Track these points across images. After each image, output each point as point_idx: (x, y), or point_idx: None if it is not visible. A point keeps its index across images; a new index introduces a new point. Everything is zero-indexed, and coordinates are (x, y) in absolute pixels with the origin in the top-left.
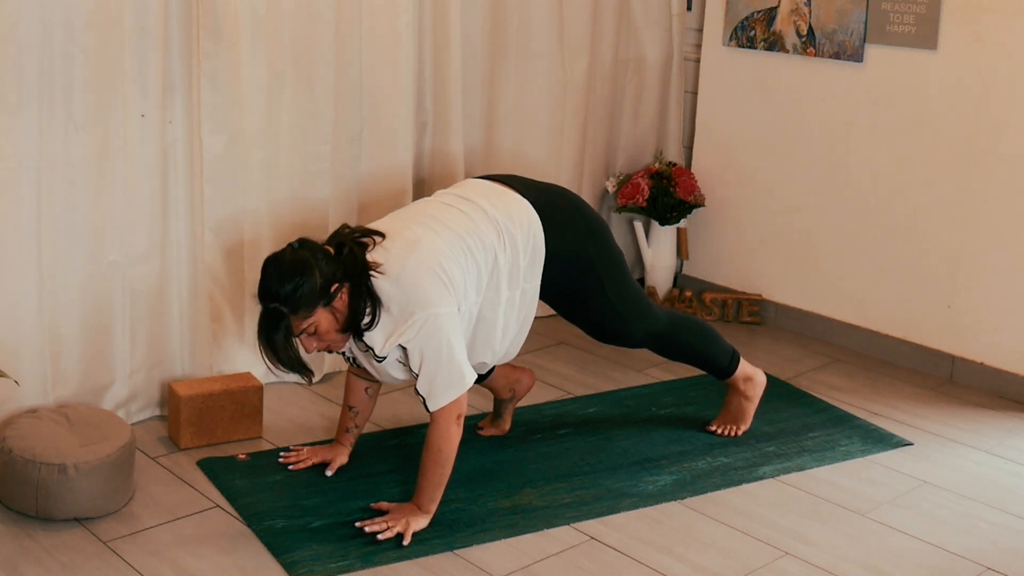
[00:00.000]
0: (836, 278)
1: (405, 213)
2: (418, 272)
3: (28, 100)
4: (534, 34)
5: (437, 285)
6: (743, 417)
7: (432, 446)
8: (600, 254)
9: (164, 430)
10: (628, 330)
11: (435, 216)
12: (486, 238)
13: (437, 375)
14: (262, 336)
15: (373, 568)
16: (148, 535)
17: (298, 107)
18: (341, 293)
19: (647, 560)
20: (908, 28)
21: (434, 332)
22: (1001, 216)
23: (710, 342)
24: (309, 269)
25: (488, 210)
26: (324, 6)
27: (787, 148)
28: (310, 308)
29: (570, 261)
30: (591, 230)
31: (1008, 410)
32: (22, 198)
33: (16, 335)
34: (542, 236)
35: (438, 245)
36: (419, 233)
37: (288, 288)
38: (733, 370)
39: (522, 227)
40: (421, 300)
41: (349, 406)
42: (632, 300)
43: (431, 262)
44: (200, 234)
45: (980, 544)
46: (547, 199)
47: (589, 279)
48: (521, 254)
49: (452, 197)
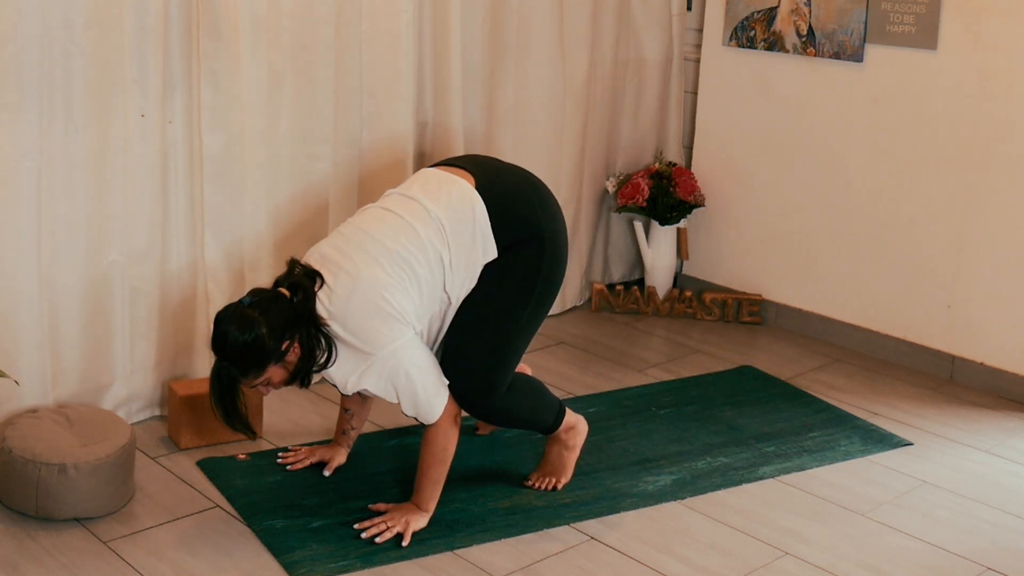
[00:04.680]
0: (836, 278)
1: (344, 233)
2: (364, 314)
3: (28, 100)
4: (534, 34)
5: (386, 321)
6: (563, 469)
7: (432, 444)
8: (538, 271)
9: (164, 430)
10: (474, 372)
11: (370, 234)
12: (427, 244)
13: (417, 400)
14: (213, 392)
15: (373, 568)
16: (148, 535)
17: (298, 107)
18: (293, 347)
19: (647, 560)
20: (908, 28)
21: (396, 366)
22: (1001, 216)
23: (538, 406)
24: (258, 329)
25: (430, 208)
26: (324, 6)
27: (787, 148)
28: (261, 368)
29: (503, 249)
30: (540, 227)
31: (1008, 410)
32: (22, 198)
33: (16, 335)
34: (487, 221)
35: (378, 276)
36: (357, 264)
37: (238, 349)
38: (558, 425)
39: (464, 216)
40: (373, 341)
41: (345, 408)
42: (514, 343)
43: (374, 298)
44: (200, 234)
45: (980, 544)
46: (501, 181)
47: (509, 288)
48: (469, 243)
49: (395, 199)
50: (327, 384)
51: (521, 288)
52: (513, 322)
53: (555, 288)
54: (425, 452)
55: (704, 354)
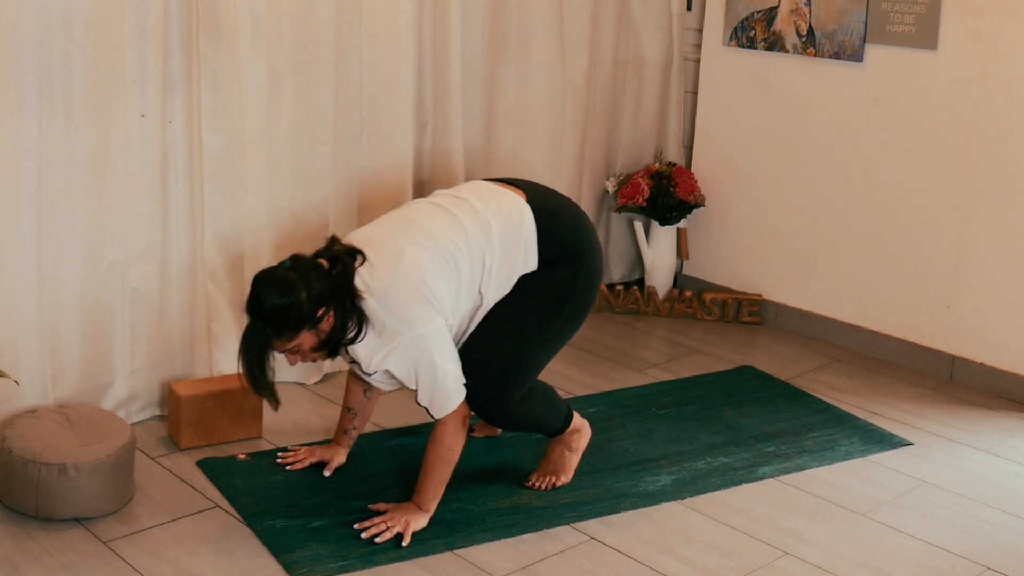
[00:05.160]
0: (836, 278)
1: (392, 220)
2: (403, 293)
3: (28, 100)
4: (534, 34)
5: (422, 304)
6: (564, 469)
7: (439, 443)
8: (573, 288)
9: (164, 430)
10: (492, 376)
11: (420, 224)
12: (473, 241)
13: (435, 390)
14: (243, 352)
15: (373, 568)
16: (148, 535)
17: (298, 107)
18: (328, 316)
19: (647, 560)
20: (908, 28)
21: (423, 351)
22: (1001, 216)
23: (548, 412)
24: (298, 293)
25: (480, 209)
26: (324, 6)
27: (787, 148)
28: (295, 332)
29: (543, 263)
30: (582, 251)
31: (1008, 410)
32: (22, 198)
33: (16, 335)
34: (533, 232)
35: (422, 260)
36: (403, 246)
37: (275, 310)
38: (566, 428)
39: (512, 222)
40: (406, 321)
41: (348, 408)
42: (536, 354)
43: (415, 280)
44: (200, 234)
45: (980, 544)
46: (551, 202)
47: (543, 299)
48: (512, 249)
49: (445, 197)
50: (327, 384)
51: (554, 303)
52: (539, 334)
53: (585, 310)
54: (431, 451)
55: (704, 354)
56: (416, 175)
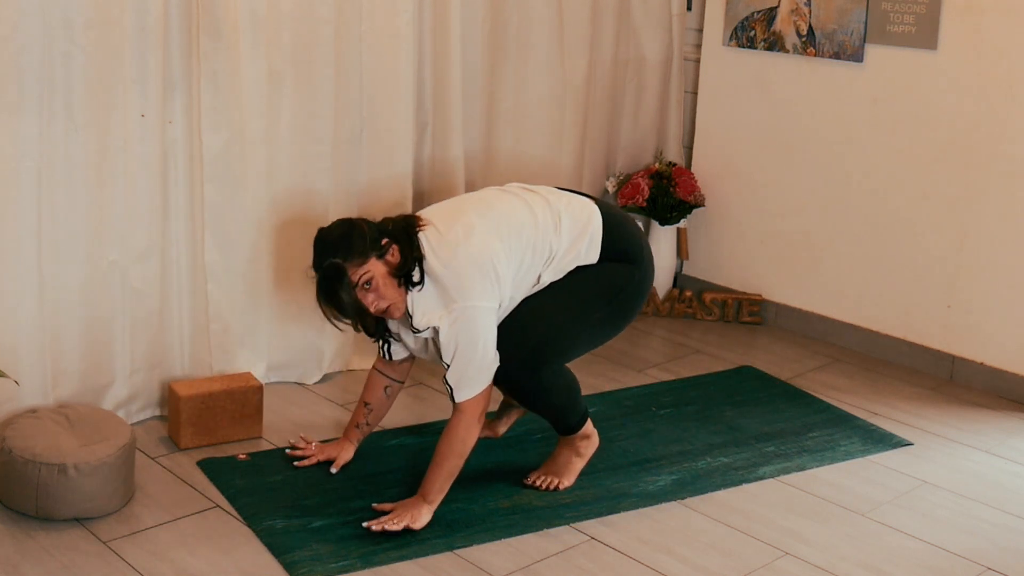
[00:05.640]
0: (836, 278)
1: (464, 199)
2: (468, 263)
3: (28, 100)
4: (534, 34)
5: (484, 280)
6: (568, 472)
7: (454, 435)
8: (626, 284)
9: (164, 430)
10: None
11: (493, 205)
12: (541, 229)
13: (468, 369)
14: (322, 294)
15: (373, 568)
16: (148, 535)
17: (298, 107)
18: (392, 248)
19: (647, 560)
20: (908, 28)
21: (471, 325)
22: (1001, 216)
23: (571, 402)
24: (357, 225)
25: (551, 200)
26: (324, 6)
27: (787, 148)
28: (363, 256)
29: (604, 260)
30: (641, 257)
31: (1008, 410)
32: (22, 198)
33: (16, 335)
34: (600, 230)
35: (491, 241)
36: (474, 221)
37: (340, 240)
38: (579, 429)
39: (580, 219)
40: (465, 290)
41: (365, 402)
42: (576, 336)
43: (483, 257)
44: (200, 234)
45: (980, 544)
46: (615, 212)
47: (595, 285)
48: (577, 241)
49: (517, 187)
50: (328, 384)
51: (604, 292)
52: (584, 316)
53: (632, 310)
54: (444, 441)
55: (704, 354)
56: (416, 175)
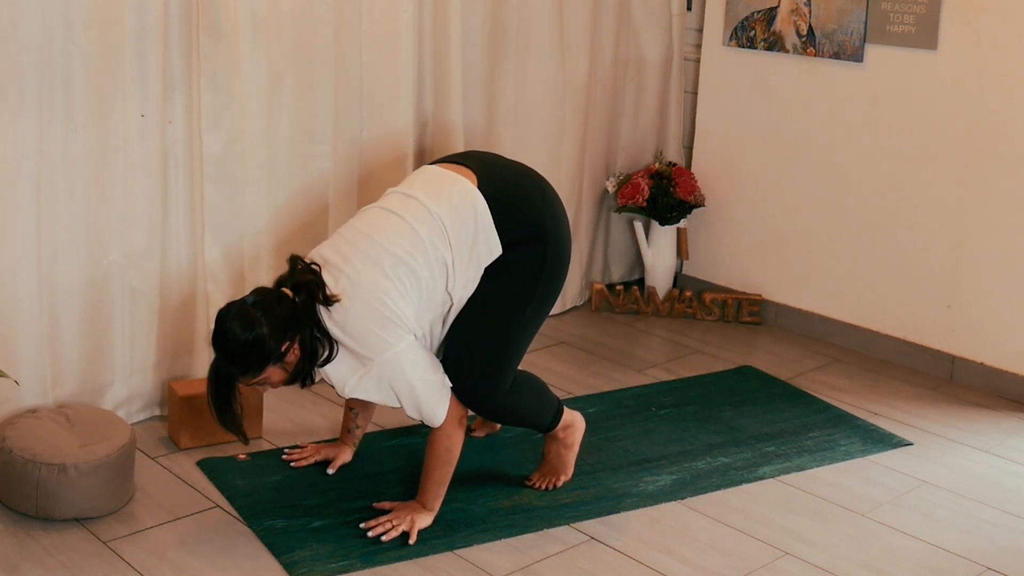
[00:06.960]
0: (836, 278)
1: (345, 236)
2: (363, 318)
3: (28, 100)
4: (534, 34)
5: (385, 327)
6: (563, 467)
7: (436, 446)
8: (540, 269)
9: (164, 430)
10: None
11: (373, 238)
12: (429, 246)
13: (419, 404)
14: (210, 389)
15: (373, 568)
16: (148, 535)
17: (298, 107)
18: (293, 348)
19: (647, 560)
20: (908, 28)
21: (396, 372)
22: (1001, 215)
23: (539, 404)
24: (260, 331)
25: (432, 208)
26: (324, 6)
27: (787, 148)
28: (259, 370)
29: (506, 246)
30: (543, 225)
31: (1008, 410)
32: (22, 198)
33: (16, 335)
34: (489, 217)
35: (378, 280)
36: (358, 267)
37: (238, 349)
38: (556, 424)
39: (466, 215)
40: (372, 346)
41: (349, 407)
42: (516, 341)
43: (374, 303)
44: (200, 234)
45: (980, 544)
46: (503, 177)
47: (510, 285)
48: (471, 243)
49: (396, 198)
50: (327, 384)
51: (524, 286)
52: (516, 320)
53: (558, 285)
54: (429, 454)
55: (704, 354)
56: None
